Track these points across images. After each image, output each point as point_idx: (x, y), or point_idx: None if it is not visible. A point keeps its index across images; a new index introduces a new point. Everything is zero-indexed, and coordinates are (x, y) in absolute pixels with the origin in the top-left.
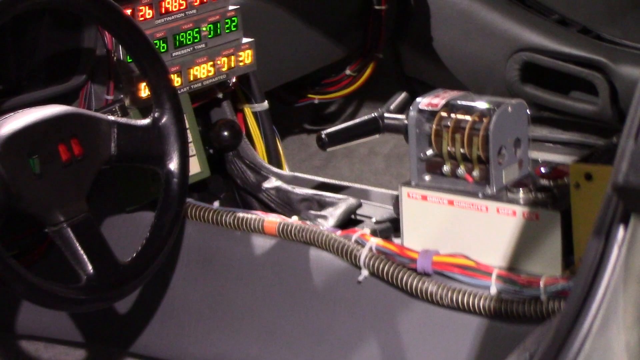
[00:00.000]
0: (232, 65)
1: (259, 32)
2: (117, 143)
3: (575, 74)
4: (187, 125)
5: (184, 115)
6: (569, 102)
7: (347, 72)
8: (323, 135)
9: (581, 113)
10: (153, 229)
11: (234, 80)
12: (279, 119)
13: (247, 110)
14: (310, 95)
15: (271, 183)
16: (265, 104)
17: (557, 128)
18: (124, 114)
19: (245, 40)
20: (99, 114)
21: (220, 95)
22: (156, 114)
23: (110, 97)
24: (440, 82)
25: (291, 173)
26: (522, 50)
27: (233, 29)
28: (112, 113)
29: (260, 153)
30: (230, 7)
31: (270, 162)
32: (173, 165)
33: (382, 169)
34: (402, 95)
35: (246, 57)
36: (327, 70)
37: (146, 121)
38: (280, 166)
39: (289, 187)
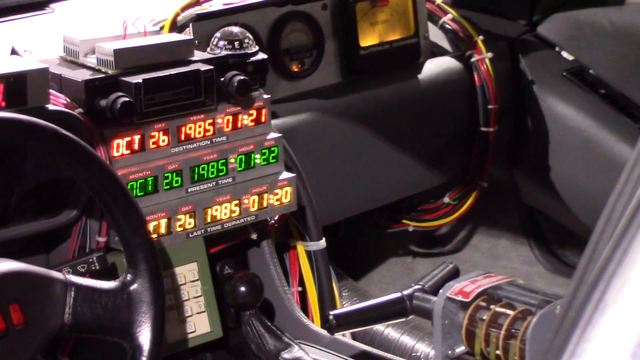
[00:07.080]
0: (265, 205)
1: (332, 154)
2: (73, 310)
3: None
4: (197, 276)
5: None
6: None
7: (446, 199)
8: (330, 317)
9: None
10: None
11: (276, 217)
12: (373, 242)
13: (300, 249)
14: (404, 221)
15: (291, 353)
16: (322, 242)
17: None
18: (102, 264)
19: (284, 175)
20: (52, 273)
21: (254, 237)
22: (128, 277)
23: (102, 239)
24: (561, 217)
25: (333, 336)
26: None
27: (272, 160)
28: (86, 266)
29: (311, 299)
30: (271, 136)
31: (323, 311)
32: (143, 339)
33: None
34: (448, 268)
35: (284, 195)
36: (425, 195)
37: (114, 284)
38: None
39: None
